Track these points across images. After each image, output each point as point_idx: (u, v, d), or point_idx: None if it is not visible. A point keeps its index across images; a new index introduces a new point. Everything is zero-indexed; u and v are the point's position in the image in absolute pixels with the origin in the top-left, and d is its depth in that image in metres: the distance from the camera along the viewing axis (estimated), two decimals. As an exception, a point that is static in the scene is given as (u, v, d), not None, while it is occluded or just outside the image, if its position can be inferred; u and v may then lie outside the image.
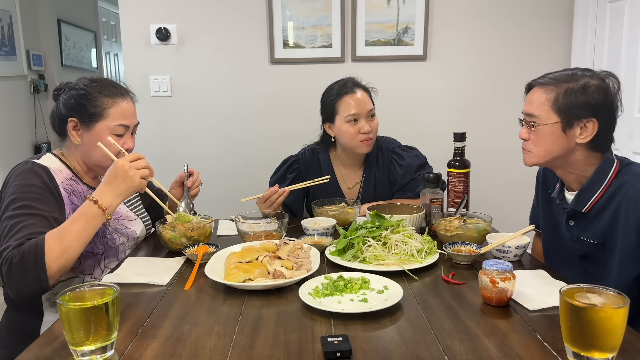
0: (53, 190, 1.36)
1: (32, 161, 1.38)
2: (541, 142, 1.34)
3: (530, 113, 1.34)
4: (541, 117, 1.32)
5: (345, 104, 1.89)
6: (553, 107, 1.31)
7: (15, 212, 1.28)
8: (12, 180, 1.34)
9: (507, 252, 1.41)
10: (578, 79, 1.31)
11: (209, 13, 2.84)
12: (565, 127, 1.30)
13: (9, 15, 3.89)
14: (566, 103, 1.29)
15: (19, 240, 1.22)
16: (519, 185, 3.03)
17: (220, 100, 2.93)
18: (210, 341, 0.99)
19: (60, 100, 1.47)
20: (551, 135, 1.32)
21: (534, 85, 1.38)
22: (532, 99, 1.35)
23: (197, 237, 1.51)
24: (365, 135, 1.88)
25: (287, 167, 2.03)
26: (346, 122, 1.88)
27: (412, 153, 2.02)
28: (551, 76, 1.36)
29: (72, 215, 1.29)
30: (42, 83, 4.37)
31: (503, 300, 1.11)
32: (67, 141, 1.49)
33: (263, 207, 1.81)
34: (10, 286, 1.22)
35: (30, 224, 1.26)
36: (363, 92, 1.92)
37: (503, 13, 2.85)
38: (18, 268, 1.19)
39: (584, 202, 1.34)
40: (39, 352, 0.95)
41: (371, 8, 2.82)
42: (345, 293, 1.18)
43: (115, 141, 1.45)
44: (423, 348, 0.95)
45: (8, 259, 1.20)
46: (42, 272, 1.20)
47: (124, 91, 1.50)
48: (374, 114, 1.92)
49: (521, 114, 1.41)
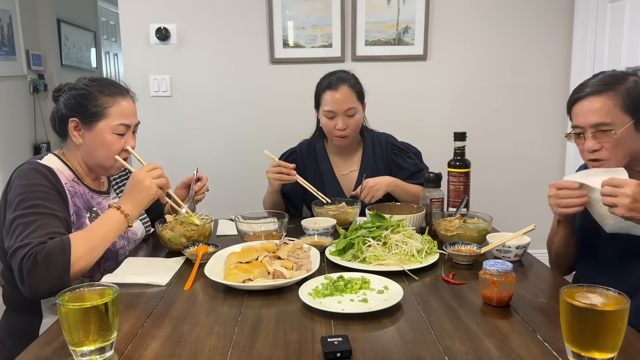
0: (60, 190, 1.35)
1: (36, 161, 1.37)
2: (619, 148, 1.31)
3: (601, 122, 1.30)
4: (616, 123, 1.29)
5: (325, 99, 1.91)
6: (623, 109, 1.29)
7: (27, 210, 1.26)
8: (17, 181, 1.32)
9: (507, 252, 1.41)
10: (625, 77, 1.31)
11: (209, 13, 2.84)
12: (637, 125, 1.30)
13: (8, 15, 3.89)
14: (633, 101, 1.29)
15: (41, 238, 1.21)
16: (519, 185, 3.03)
17: (220, 99, 2.93)
18: (210, 341, 0.99)
19: (60, 100, 1.46)
20: (629, 137, 1.30)
21: (585, 96, 1.33)
22: (595, 108, 1.31)
23: (197, 237, 1.51)
24: (340, 131, 1.91)
25: (285, 158, 2.07)
26: (324, 116, 1.93)
27: (412, 149, 2.06)
28: (596, 84, 1.33)
29: (96, 221, 1.33)
30: (42, 83, 4.37)
31: (503, 300, 1.11)
32: (68, 142, 1.48)
33: (270, 172, 1.85)
34: (29, 282, 1.19)
35: (46, 223, 1.25)
36: (347, 89, 1.89)
37: (503, 13, 2.85)
38: (43, 264, 1.18)
39: None
40: (38, 352, 0.95)
41: (371, 8, 2.82)
42: (345, 293, 1.18)
43: (117, 140, 1.44)
44: (423, 348, 0.95)
45: (32, 255, 1.18)
46: (66, 270, 1.20)
47: (124, 90, 1.49)
48: (352, 114, 1.90)
49: (570, 128, 1.38)
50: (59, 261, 1.19)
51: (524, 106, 2.96)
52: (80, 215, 1.42)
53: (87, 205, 1.46)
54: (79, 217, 1.41)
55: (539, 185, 2.99)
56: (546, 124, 2.99)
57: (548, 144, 3.01)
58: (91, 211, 1.46)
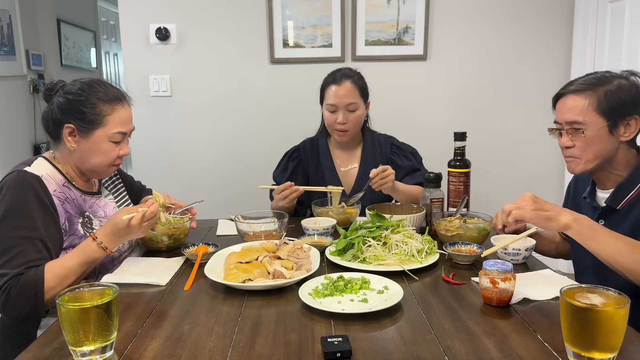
0: (46, 202, 1.32)
1: (24, 170, 1.33)
2: (589, 148, 1.34)
3: (574, 120, 1.34)
4: (587, 123, 1.32)
5: (328, 93, 1.95)
6: (597, 111, 1.31)
7: (9, 233, 1.26)
8: (4, 194, 1.30)
9: (517, 254, 1.40)
10: (610, 80, 1.33)
11: (209, 13, 2.84)
12: (611, 128, 1.32)
13: (8, 15, 3.88)
14: (609, 105, 1.30)
15: (17, 269, 1.24)
16: (519, 185, 3.03)
17: (219, 99, 2.93)
18: (210, 341, 0.98)
19: (54, 102, 1.42)
20: (600, 138, 1.33)
21: (566, 93, 1.37)
22: (571, 106, 1.35)
23: (177, 235, 1.53)
24: (340, 125, 1.94)
25: (288, 156, 2.10)
26: (326, 109, 1.97)
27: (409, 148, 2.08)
28: (581, 82, 1.36)
29: (73, 251, 1.33)
30: (42, 83, 4.37)
31: (503, 300, 1.11)
32: (61, 145, 1.44)
33: (277, 198, 1.84)
34: (6, 314, 1.26)
35: (25, 249, 1.26)
36: (350, 84, 1.93)
37: (503, 13, 2.85)
38: (16, 298, 1.23)
39: (619, 199, 1.35)
40: (38, 352, 0.95)
41: (371, 7, 2.81)
42: (345, 293, 1.18)
43: (113, 148, 1.43)
44: (423, 348, 0.95)
45: (6, 289, 1.22)
46: (40, 303, 1.24)
47: (122, 96, 1.46)
48: (353, 109, 1.94)
49: (553, 124, 1.42)
50: (31, 294, 1.23)
51: (524, 106, 2.96)
52: (72, 221, 1.39)
53: (79, 210, 1.43)
54: (71, 224, 1.39)
55: (540, 185, 2.99)
56: (546, 123, 2.96)
57: (548, 143, 3.00)
58: (83, 216, 1.43)
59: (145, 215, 1.34)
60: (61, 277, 1.26)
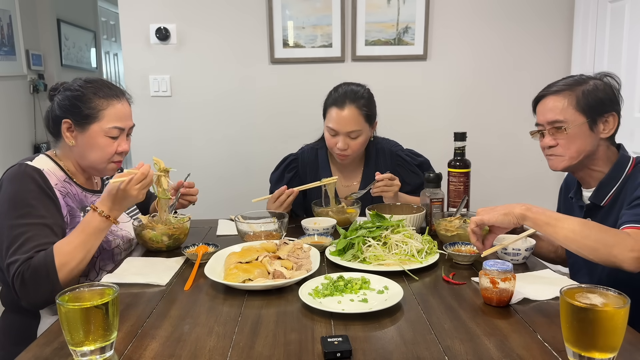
0: (49, 192, 1.34)
1: (25, 164, 1.36)
2: (572, 145, 1.39)
3: (555, 120, 1.40)
4: (568, 121, 1.38)
5: (330, 115, 1.85)
6: (577, 109, 1.37)
7: (16, 221, 1.27)
8: (7, 185, 1.32)
9: (517, 254, 1.40)
10: (586, 81, 1.40)
11: (209, 13, 2.84)
12: (591, 125, 1.38)
13: (8, 15, 3.88)
14: (588, 102, 1.37)
15: (27, 253, 1.24)
16: (519, 185, 3.03)
17: (220, 99, 2.93)
18: (210, 341, 0.98)
19: (55, 100, 1.45)
20: (581, 135, 1.38)
21: (546, 95, 1.44)
22: (552, 106, 1.41)
23: (177, 235, 1.53)
24: (340, 150, 1.85)
25: (285, 166, 2.02)
26: (327, 131, 1.88)
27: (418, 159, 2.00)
28: (559, 84, 1.42)
29: (77, 227, 1.32)
30: (42, 83, 4.37)
31: (503, 300, 1.11)
32: (61, 142, 1.47)
33: (273, 207, 1.80)
34: (24, 299, 1.26)
35: (34, 235, 1.27)
36: (355, 110, 1.81)
37: (503, 13, 2.85)
38: (31, 282, 1.23)
39: (602, 196, 1.40)
40: (38, 352, 0.95)
41: (371, 7, 2.81)
42: (345, 293, 1.18)
43: (110, 143, 1.44)
44: (423, 348, 0.95)
45: (19, 273, 1.23)
46: (56, 284, 1.23)
47: (120, 92, 1.47)
48: (355, 137, 1.83)
49: (534, 127, 1.48)
50: (44, 274, 1.23)
51: (524, 106, 2.93)
52: (74, 214, 1.41)
53: (81, 205, 1.45)
54: (72, 217, 1.41)
55: (540, 185, 2.98)
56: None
57: (548, 144, 3.00)
58: (85, 210, 1.45)
59: (136, 178, 1.34)
60: (71, 252, 1.26)
